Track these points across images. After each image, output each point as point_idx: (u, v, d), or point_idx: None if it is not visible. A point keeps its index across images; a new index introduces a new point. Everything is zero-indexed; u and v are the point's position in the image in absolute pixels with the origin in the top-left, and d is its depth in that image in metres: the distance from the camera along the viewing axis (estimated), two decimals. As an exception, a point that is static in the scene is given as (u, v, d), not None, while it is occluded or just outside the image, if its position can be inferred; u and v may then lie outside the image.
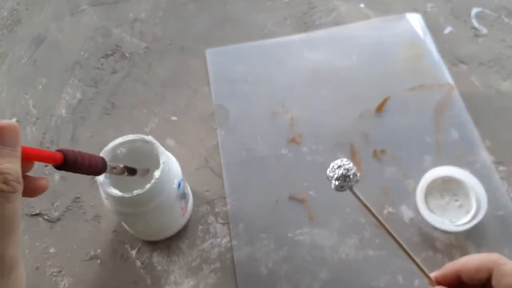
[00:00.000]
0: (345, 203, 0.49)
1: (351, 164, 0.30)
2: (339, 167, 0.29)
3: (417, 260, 0.32)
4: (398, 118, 0.55)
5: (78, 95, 0.60)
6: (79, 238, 0.49)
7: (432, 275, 0.33)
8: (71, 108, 0.59)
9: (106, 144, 0.41)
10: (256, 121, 0.56)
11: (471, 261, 0.31)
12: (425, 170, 0.50)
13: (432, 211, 0.48)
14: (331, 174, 0.30)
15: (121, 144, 0.41)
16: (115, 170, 0.35)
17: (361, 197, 0.30)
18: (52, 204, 0.51)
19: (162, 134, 0.55)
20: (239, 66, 0.61)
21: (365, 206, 0.30)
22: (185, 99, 0.59)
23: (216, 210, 0.50)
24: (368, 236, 0.47)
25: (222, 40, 0.64)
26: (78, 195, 0.51)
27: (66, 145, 0.56)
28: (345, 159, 0.30)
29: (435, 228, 0.47)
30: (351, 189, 0.30)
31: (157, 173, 0.39)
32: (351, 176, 0.29)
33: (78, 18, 0.68)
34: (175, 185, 0.42)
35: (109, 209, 0.41)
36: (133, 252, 0.48)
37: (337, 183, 0.29)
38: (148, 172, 0.40)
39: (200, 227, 0.49)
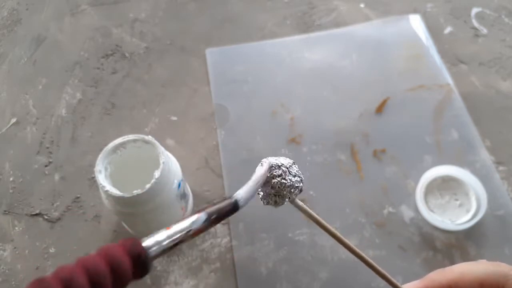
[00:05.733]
0: (345, 203, 0.49)
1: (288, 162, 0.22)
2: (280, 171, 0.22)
3: (385, 272, 0.26)
4: (398, 118, 0.55)
5: (78, 95, 0.60)
6: (79, 238, 0.49)
7: (412, 287, 0.26)
8: (71, 108, 0.59)
9: (106, 144, 0.41)
10: (256, 121, 0.56)
11: (469, 272, 0.24)
12: (425, 170, 0.50)
13: (432, 210, 0.48)
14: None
15: (121, 144, 0.41)
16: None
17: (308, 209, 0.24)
18: (52, 204, 0.51)
19: (162, 134, 0.55)
20: (239, 66, 0.61)
21: (313, 218, 0.24)
22: (185, 99, 0.59)
23: (216, 210, 0.50)
24: (368, 236, 0.47)
25: (222, 40, 0.64)
26: (78, 195, 0.51)
27: (66, 145, 0.56)
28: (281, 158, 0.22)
29: (435, 228, 0.47)
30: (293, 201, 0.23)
31: (157, 173, 0.39)
32: (284, 193, 0.22)
33: (78, 18, 0.68)
34: (175, 185, 0.42)
35: (109, 209, 0.41)
36: (133, 252, 0.48)
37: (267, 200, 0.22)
38: None
39: (200, 227, 0.49)
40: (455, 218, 0.47)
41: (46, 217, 0.50)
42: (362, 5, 0.66)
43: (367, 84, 0.58)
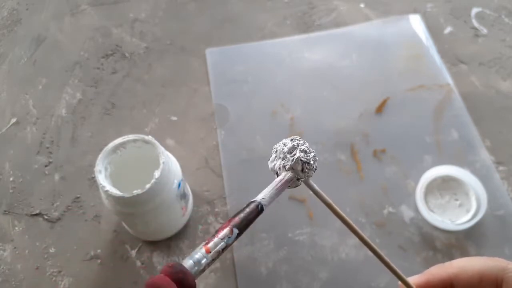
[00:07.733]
0: (345, 203, 0.49)
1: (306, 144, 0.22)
2: (292, 149, 0.22)
3: (392, 264, 0.25)
4: (398, 118, 0.55)
5: (78, 95, 0.60)
6: (79, 238, 0.49)
7: (413, 281, 0.26)
8: (71, 108, 0.59)
9: (106, 144, 0.41)
10: (256, 121, 0.56)
11: (469, 266, 0.24)
12: (425, 170, 0.50)
13: (432, 211, 0.48)
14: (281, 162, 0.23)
15: (121, 144, 0.41)
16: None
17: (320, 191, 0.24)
18: (52, 204, 0.51)
19: (162, 134, 0.55)
20: (239, 66, 0.61)
21: (326, 202, 0.24)
22: (185, 99, 0.59)
23: (216, 210, 0.50)
24: (368, 236, 0.47)
25: (222, 40, 0.64)
26: (78, 195, 0.51)
27: (66, 145, 0.56)
28: (296, 138, 0.22)
29: (435, 228, 0.47)
30: (306, 181, 0.23)
31: (157, 173, 0.39)
32: (311, 162, 0.22)
33: (78, 18, 0.68)
34: (175, 185, 0.42)
35: (109, 209, 0.41)
36: (133, 252, 0.48)
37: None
38: None
39: (200, 227, 0.49)
40: (455, 218, 0.47)
41: (46, 217, 0.50)
42: (362, 5, 0.66)
43: (367, 84, 0.58)
